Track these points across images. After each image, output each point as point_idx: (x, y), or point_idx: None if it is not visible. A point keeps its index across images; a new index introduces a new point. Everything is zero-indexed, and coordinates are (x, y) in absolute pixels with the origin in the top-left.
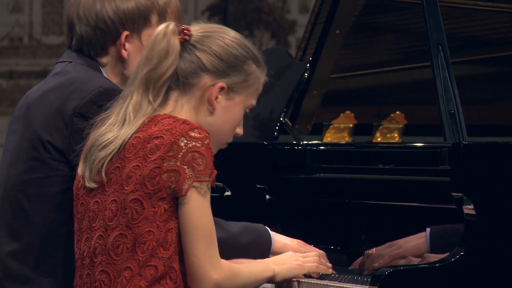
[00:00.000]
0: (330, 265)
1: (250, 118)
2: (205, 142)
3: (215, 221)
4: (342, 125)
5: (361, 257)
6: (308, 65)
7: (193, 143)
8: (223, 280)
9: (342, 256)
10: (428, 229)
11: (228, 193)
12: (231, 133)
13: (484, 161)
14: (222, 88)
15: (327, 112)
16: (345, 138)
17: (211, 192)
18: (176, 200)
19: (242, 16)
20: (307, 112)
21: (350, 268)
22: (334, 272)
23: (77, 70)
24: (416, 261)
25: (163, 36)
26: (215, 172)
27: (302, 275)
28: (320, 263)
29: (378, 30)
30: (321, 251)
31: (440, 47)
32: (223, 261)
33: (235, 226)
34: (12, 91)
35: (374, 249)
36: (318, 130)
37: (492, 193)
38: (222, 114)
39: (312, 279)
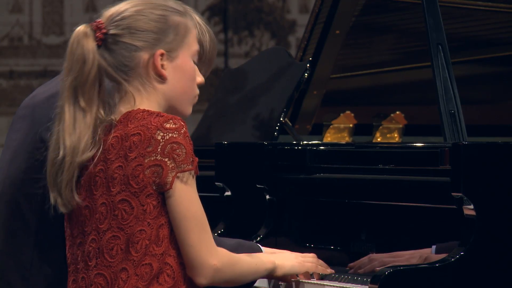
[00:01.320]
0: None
1: (250, 118)
2: (182, 131)
3: None
4: (342, 125)
5: (361, 259)
6: (308, 65)
7: (170, 135)
8: (222, 266)
9: (342, 256)
10: (433, 246)
11: (228, 193)
12: (193, 87)
13: (484, 161)
14: (162, 55)
15: (327, 112)
16: (345, 138)
17: (211, 192)
18: (162, 195)
19: (242, 16)
20: (307, 112)
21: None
22: (333, 272)
23: None
24: None
25: (77, 44)
26: (197, 159)
27: (301, 274)
28: (319, 264)
29: (378, 30)
30: (312, 254)
31: (440, 47)
32: (221, 249)
33: (228, 242)
34: (12, 91)
35: (375, 254)
36: (318, 130)
37: (492, 193)
38: (175, 76)
39: (312, 279)
